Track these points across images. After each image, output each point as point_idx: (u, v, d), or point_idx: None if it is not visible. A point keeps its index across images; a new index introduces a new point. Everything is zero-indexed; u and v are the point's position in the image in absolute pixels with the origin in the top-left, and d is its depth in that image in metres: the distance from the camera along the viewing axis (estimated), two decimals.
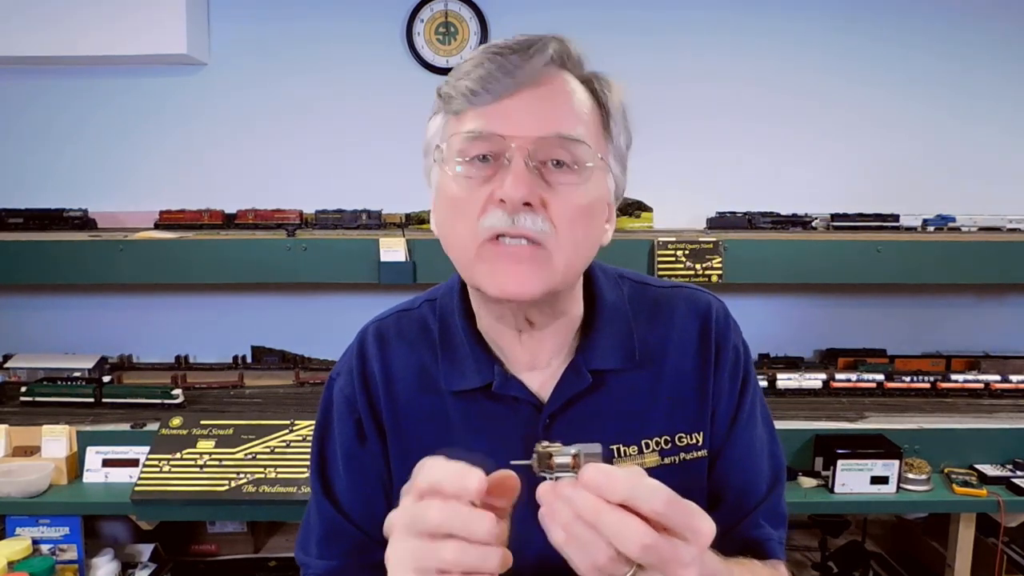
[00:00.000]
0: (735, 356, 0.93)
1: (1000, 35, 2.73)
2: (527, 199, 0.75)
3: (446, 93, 0.80)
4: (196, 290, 2.71)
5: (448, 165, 0.79)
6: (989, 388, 2.39)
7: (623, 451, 0.88)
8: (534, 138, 0.76)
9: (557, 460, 0.60)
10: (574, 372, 0.88)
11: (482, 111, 0.77)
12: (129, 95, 2.72)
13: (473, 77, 0.77)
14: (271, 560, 2.40)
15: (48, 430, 2.04)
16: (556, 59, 0.79)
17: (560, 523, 0.58)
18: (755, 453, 0.93)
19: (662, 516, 0.57)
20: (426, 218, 2.45)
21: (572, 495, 0.58)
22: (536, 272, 0.77)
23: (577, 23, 2.69)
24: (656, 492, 0.57)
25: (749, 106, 2.73)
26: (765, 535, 0.91)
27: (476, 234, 0.77)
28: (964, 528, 2.05)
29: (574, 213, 0.78)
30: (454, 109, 0.79)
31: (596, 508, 0.57)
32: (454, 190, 0.79)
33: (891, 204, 2.58)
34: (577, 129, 0.78)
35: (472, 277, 0.81)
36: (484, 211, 0.77)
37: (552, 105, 0.78)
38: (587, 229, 0.80)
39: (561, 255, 0.78)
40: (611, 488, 0.57)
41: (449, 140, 0.79)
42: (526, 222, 0.75)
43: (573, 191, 0.77)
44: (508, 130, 0.76)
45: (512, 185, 0.74)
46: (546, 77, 0.78)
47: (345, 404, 0.94)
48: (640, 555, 0.56)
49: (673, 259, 2.23)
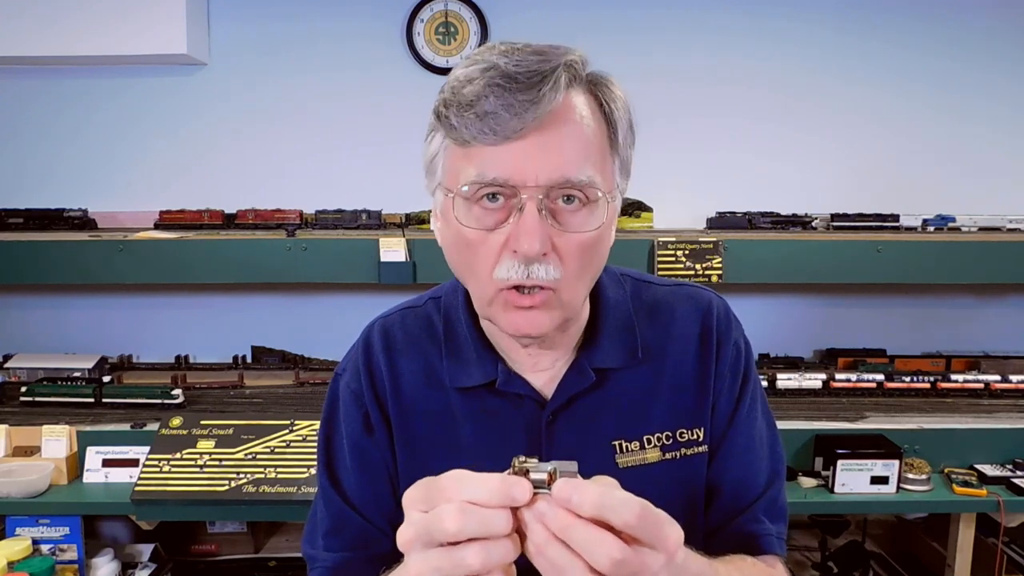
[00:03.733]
0: (735, 352, 0.94)
1: (1000, 35, 2.73)
2: (544, 250, 0.75)
3: (446, 119, 0.76)
4: (196, 290, 2.71)
5: (460, 201, 0.78)
6: (989, 388, 2.39)
7: (625, 447, 0.89)
8: (546, 185, 0.74)
9: (533, 476, 0.59)
10: (577, 370, 0.89)
11: (491, 151, 0.74)
12: (129, 95, 2.72)
13: (478, 111, 0.73)
14: (271, 560, 2.40)
15: (48, 430, 2.04)
16: (565, 86, 0.75)
17: (533, 541, 0.58)
18: (754, 448, 0.94)
19: (633, 529, 0.57)
20: (426, 218, 2.45)
21: (545, 511, 0.57)
22: (548, 314, 0.79)
23: (577, 23, 2.69)
24: (626, 505, 0.57)
25: (750, 106, 2.73)
26: (763, 529, 0.91)
27: (493, 282, 0.78)
28: (964, 528, 2.05)
29: (583, 249, 0.78)
30: (458, 139, 0.76)
31: (567, 523, 0.57)
32: (466, 233, 0.78)
33: (891, 204, 2.58)
34: (586, 169, 0.76)
35: (487, 314, 0.83)
36: (498, 260, 0.77)
37: (561, 147, 0.75)
38: (595, 258, 0.81)
39: (568, 291, 0.79)
40: (581, 502, 0.56)
41: (459, 182, 0.77)
42: (539, 272, 0.76)
43: (582, 226, 0.77)
44: (518, 178, 0.74)
45: (527, 239, 0.74)
46: (554, 111, 0.74)
47: (352, 398, 0.94)
48: (611, 570, 0.56)
49: (673, 259, 2.23)
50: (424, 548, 0.59)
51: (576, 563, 0.56)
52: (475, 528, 0.57)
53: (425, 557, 0.59)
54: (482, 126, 0.73)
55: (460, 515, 0.57)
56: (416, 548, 0.60)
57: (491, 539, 0.58)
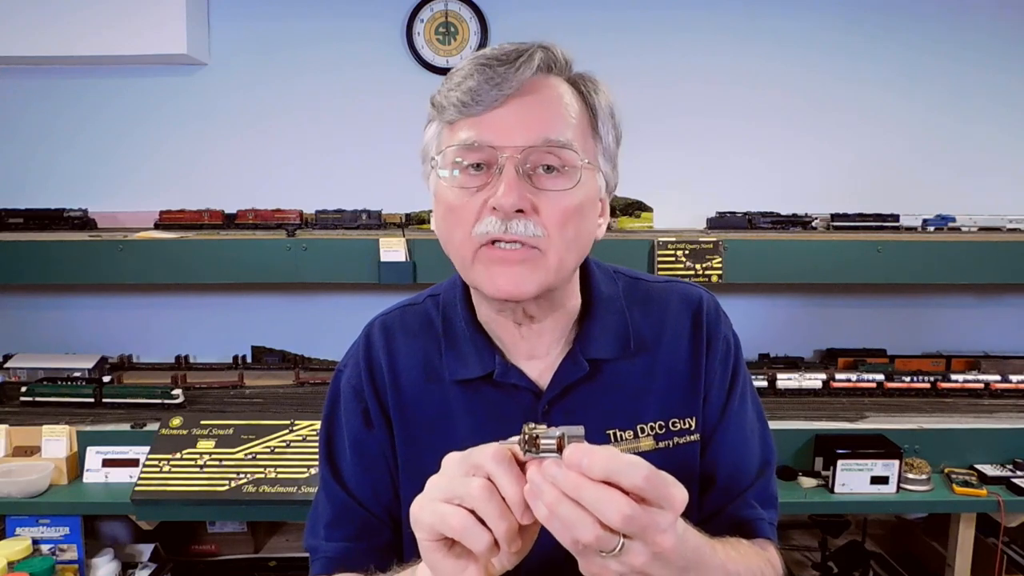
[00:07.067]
0: (726, 346, 0.97)
1: (1000, 35, 2.73)
2: (518, 206, 0.79)
3: (438, 103, 0.84)
4: (196, 290, 2.71)
5: (443, 173, 0.84)
6: (989, 388, 2.39)
7: (619, 435, 0.92)
8: (523, 147, 0.80)
9: (543, 442, 0.62)
10: (572, 361, 0.92)
11: (473, 121, 0.81)
12: (129, 95, 2.72)
13: (463, 89, 0.80)
14: (271, 560, 2.40)
15: (48, 430, 2.04)
16: (543, 66, 0.82)
17: (545, 501, 0.61)
18: (745, 438, 0.98)
19: (641, 489, 0.60)
20: (426, 218, 2.45)
21: (556, 473, 0.60)
22: (530, 273, 0.82)
23: (576, 23, 2.69)
24: (635, 467, 0.60)
25: (749, 106, 2.73)
26: (756, 515, 0.95)
27: (472, 239, 0.82)
28: (964, 528, 2.05)
29: (564, 215, 0.82)
30: (447, 119, 0.84)
31: (578, 484, 0.59)
32: (450, 198, 0.84)
33: (891, 204, 2.57)
34: (565, 134, 0.82)
35: (470, 278, 0.86)
36: (479, 218, 0.82)
37: (539, 112, 0.81)
38: (578, 228, 0.84)
39: (554, 254, 0.82)
40: (591, 464, 0.59)
41: (444, 151, 0.83)
42: (518, 228, 0.80)
43: (563, 194, 0.82)
44: (498, 140, 0.80)
45: (504, 194, 0.79)
46: (534, 85, 0.82)
47: (352, 394, 0.97)
48: (622, 525, 0.59)
49: (673, 259, 2.23)
50: (449, 472, 0.66)
51: (587, 519, 0.59)
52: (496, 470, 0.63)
53: (442, 478, 0.66)
54: (465, 98, 0.80)
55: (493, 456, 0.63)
56: (440, 475, 0.66)
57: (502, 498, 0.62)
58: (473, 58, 0.83)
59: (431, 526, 0.65)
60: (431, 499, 0.65)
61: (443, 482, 0.65)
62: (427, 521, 0.65)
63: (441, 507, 0.64)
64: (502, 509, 0.62)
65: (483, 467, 0.64)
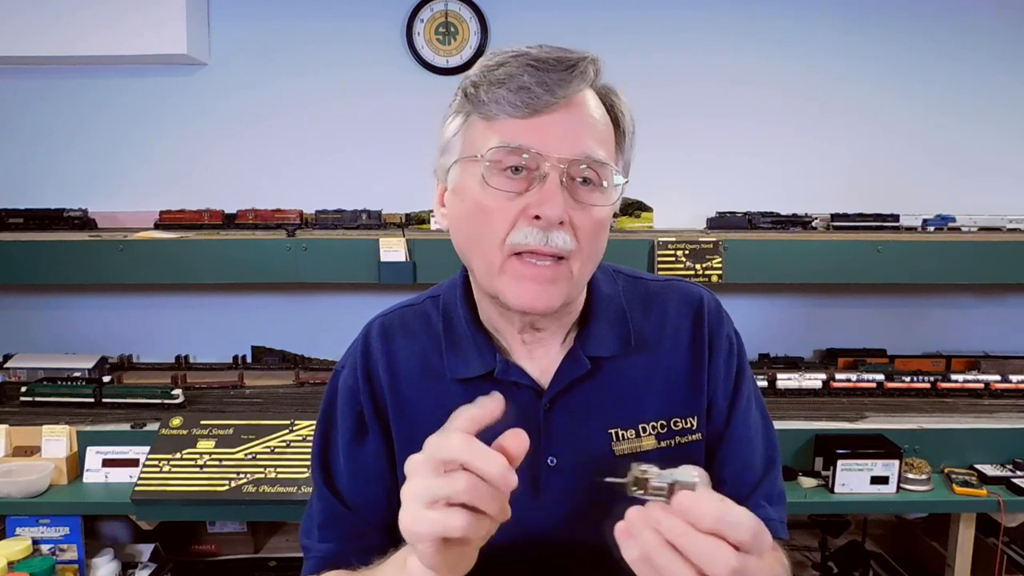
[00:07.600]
0: (728, 345, 0.97)
1: (1000, 35, 2.73)
2: (563, 218, 0.79)
3: (476, 96, 0.81)
4: (196, 290, 2.71)
5: (479, 171, 0.81)
6: (989, 388, 2.39)
7: (621, 434, 0.92)
8: (569, 159, 0.79)
9: (653, 484, 0.63)
10: (572, 359, 0.92)
11: (518, 123, 0.79)
12: (129, 95, 2.72)
13: (511, 87, 0.78)
14: (271, 560, 2.40)
15: (48, 430, 2.04)
16: (588, 81, 0.82)
17: (643, 545, 0.61)
18: (751, 437, 0.97)
19: (745, 545, 0.60)
20: (426, 218, 2.45)
21: (662, 518, 0.60)
22: (559, 288, 0.82)
23: (577, 23, 2.69)
24: (744, 524, 0.60)
25: (749, 106, 2.73)
26: (767, 515, 0.94)
27: (505, 247, 0.81)
28: (964, 528, 2.05)
29: (595, 228, 0.83)
30: (485, 114, 0.81)
31: (686, 533, 0.60)
32: (484, 200, 0.81)
33: (891, 204, 2.57)
34: (601, 152, 0.82)
35: (494, 286, 0.84)
36: (515, 225, 0.80)
37: (583, 127, 0.81)
38: (602, 241, 0.86)
39: (579, 267, 0.83)
40: (701, 515, 0.60)
41: (484, 151, 0.80)
42: (558, 240, 0.80)
43: (596, 208, 0.82)
44: (545, 148, 0.79)
45: (551, 205, 0.78)
46: (578, 97, 0.81)
47: (348, 395, 0.97)
48: None
49: (673, 259, 2.23)
50: (422, 470, 0.64)
51: (687, 571, 0.59)
52: (471, 457, 0.62)
53: (419, 479, 0.64)
54: (515, 99, 0.78)
55: (463, 441, 0.63)
56: (414, 474, 0.65)
57: (483, 478, 0.62)
58: (515, 54, 0.80)
59: (433, 534, 0.63)
60: (418, 507, 0.64)
61: (422, 488, 0.64)
62: (427, 531, 0.64)
63: (435, 513, 0.63)
64: (491, 491, 0.62)
65: (455, 460, 0.63)
